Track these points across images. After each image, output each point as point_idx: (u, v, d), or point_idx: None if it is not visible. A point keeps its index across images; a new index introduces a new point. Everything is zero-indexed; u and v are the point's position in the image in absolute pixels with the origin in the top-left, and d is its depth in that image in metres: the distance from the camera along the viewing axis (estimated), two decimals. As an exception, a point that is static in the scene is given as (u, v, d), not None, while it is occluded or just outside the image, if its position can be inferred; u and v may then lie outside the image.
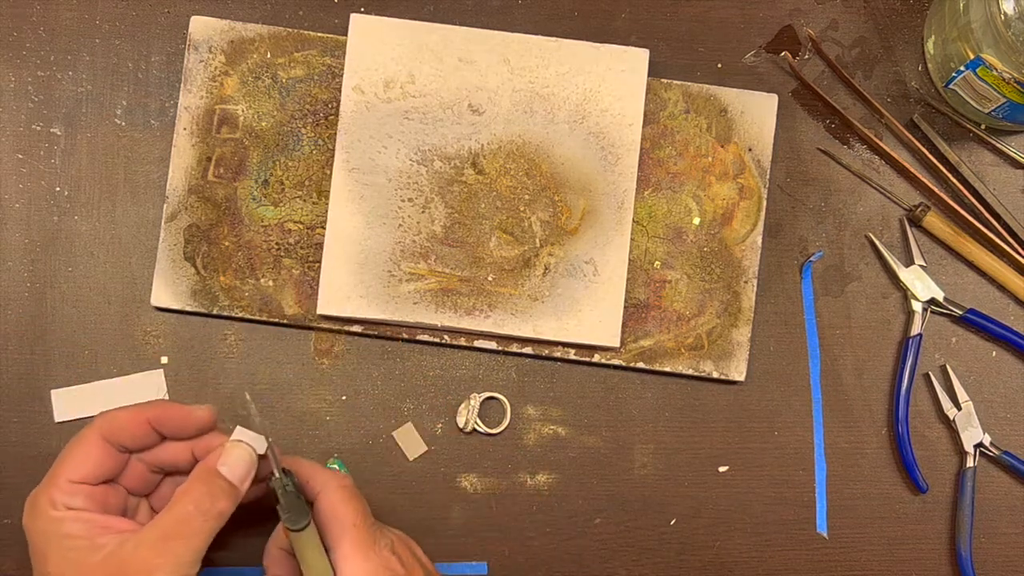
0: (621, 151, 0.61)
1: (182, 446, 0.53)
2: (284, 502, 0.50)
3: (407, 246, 0.61)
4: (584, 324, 0.61)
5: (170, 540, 0.47)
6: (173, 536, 0.47)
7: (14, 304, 0.62)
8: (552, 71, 0.61)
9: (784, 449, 0.63)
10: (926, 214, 0.63)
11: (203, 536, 0.48)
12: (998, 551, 0.63)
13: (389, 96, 0.61)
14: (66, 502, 0.49)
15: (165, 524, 0.48)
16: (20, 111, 0.62)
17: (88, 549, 0.47)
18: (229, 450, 0.51)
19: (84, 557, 0.47)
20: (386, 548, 0.51)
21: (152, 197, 0.62)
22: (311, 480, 0.52)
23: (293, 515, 0.50)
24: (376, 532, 0.51)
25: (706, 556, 0.63)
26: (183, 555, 0.47)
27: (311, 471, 0.53)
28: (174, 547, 0.47)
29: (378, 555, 0.50)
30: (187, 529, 0.48)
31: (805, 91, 0.64)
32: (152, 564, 0.46)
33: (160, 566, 0.46)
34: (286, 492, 0.50)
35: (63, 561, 0.48)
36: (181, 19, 0.63)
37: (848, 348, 0.64)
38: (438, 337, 0.62)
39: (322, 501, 0.51)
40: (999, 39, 0.56)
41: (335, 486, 0.52)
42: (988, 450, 0.63)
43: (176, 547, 0.47)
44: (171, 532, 0.47)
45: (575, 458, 0.63)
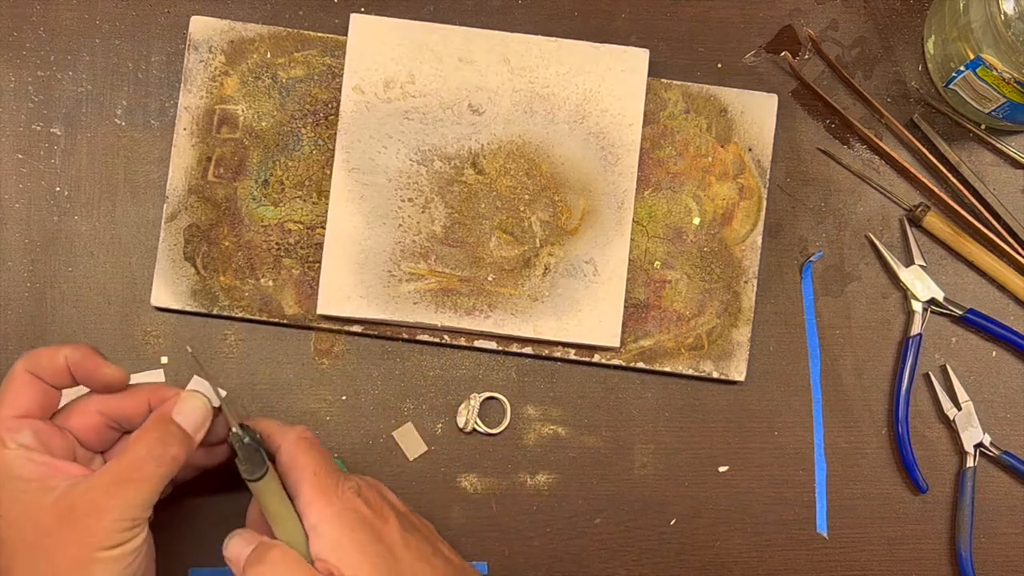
0: (621, 151, 0.61)
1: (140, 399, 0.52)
2: (241, 454, 0.50)
3: (407, 246, 0.61)
4: (584, 324, 0.61)
5: (122, 483, 0.47)
6: (125, 480, 0.47)
7: (14, 304, 0.62)
8: (552, 71, 0.61)
9: (784, 449, 0.63)
10: (926, 214, 0.63)
11: (155, 481, 0.48)
12: (998, 551, 0.63)
13: (389, 96, 0.61)
14: (14, 439, 0.48)
15: (117, 468, 0.48)
16: (20, 111, 0.62)
17: (39, 491, 0.47)
18: (184, 399, 0.51)
19: (35, 499, 0.47)
20: (350, 491, 0.50)
21: (152, 197, 0.62)
22: (272, 435, 0.52)
23: (248, 466, 0.50)
24: (339, 477, 0.51)
25: (706, 556, 0.63)
26: (134, 499, 0.47)
27: (272, 427, 0.53)
28: (125, 490, 0.47)
29: (340, 499, 0.50)
30: (139, 474, 0.47)
31: (805, 91, 0.64)
32: (102, 506, 0.46)
33: (111, 508, 0.46)
34: (243, 444, 0.50)
35: (14, 503, 0.47)
36: (181, 19, 0.63)
37: (848, 348, 0.64)
38: (438, 337, 0.62)
39: (282, 453, 0.51)
40: (999, 39, 0.56)
41: (293, 438, 0.51)
42: (988, 450, 0.63)
43: (127, 490, 0.47)
44: (123, 476, 0.47)
45: (575, 458, 0.63)
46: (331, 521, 0.49)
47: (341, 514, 0.49)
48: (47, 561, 0.46)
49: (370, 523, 0.50)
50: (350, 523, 0.49)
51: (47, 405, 0.51)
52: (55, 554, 0.46)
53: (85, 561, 0.46)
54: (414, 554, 0.50)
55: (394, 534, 0.50)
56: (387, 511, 0.51)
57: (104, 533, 0.46)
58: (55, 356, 0.50)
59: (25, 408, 0.49)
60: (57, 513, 0.47)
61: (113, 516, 0.46)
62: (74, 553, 0.46)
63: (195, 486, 0.61)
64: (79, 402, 0.52)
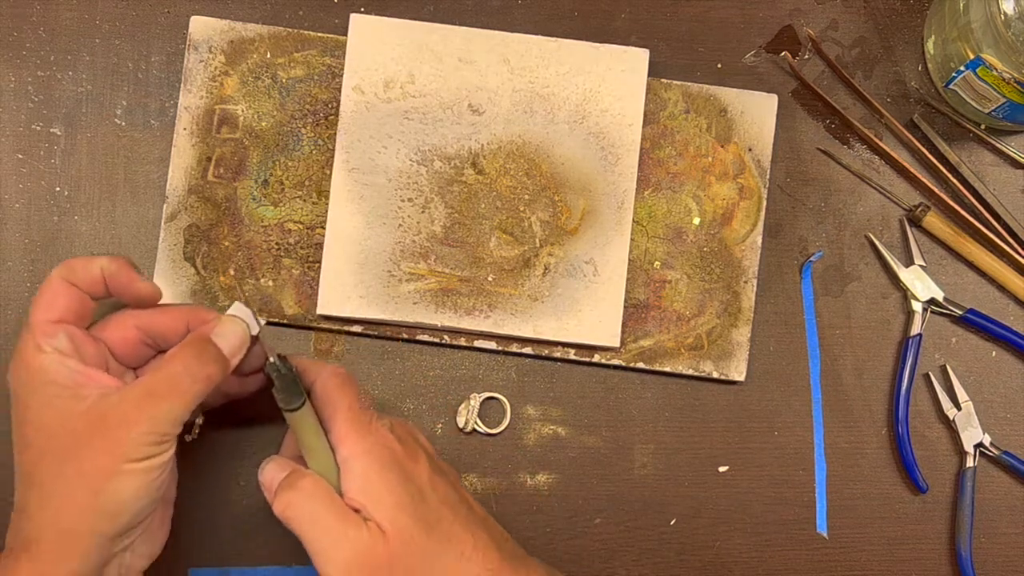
0: (621, 151, 0.61)
1: (178, 317, 0.52)
2: (278, 384, 0.50)
3: (407, 246, 0.61)
4: (584, 324, 0.61)
5: (154, 397, 0.47)
6: (158, 393, 0.47)
7: (14, 304, 0.62)
8: (552, 71, 0.61)
9: (784, 449, 0.63)
10: (926, 214, 0.63)
11: (188, 398, 0.48)
12: (998, 551, 0.63)
13: (389, 96, 0.61)
14: (50, 343, 0.48)
15: (151, 382, 0.48)
16: (20, 111, 0.62)
17: (70, 398, 0.47)
18: (224, 322, 0.51)
19: (66, 406, 0.47)
20: (383, 428, 0.51)
21: (152, 197, 0.62)
22: (307, 371, 0.52)
23: (285, 395, 0.50)
24: (372, 414, 0.51)
25: (706, 556, 0.63)
26: (165, 413, 0.47)
27: (307, 363, 0.53)
28: (157, 404, 0.47)
29: (373, 435, 0.50)
30: (173, 388, 0.47)
31: (805, 91, 0.64)
32: (132, 418, 0.46)
33: (140, 421, 0.46)
34: (280, 375, 0.50)
35: (45, 409, 0.47)
36: (181, 19, 0.63)
37: (848, 348, 0.64)
38: (438, 337, 0.62)
39: (317, 387, 0.52)
40: (999, 39, 0.56)
41: (329, 373, 0.52)
42: (988, 450, 0.63)
43: (159, 404, 0.47)
44: (156, 389, 0.47)
45: (575, 458, 0.63)
46: (362, 457, 0.49)
47: (372, 450, 0.49)
48: (75, 468, 0.46)
49: (400, 461, 0.50)
50: (381, 460, 0.49)
51: (82, 313, 0.51)
52: (83, 462, 0.46)
53: (112, 471, 0.46)
54: (440, 497, 0.50)
55: (423, 475, 0.50)
56: (418, 451, 0.51)
57: (133, 445, 0.46)
58: (90, 265, 0.50)
59: (60, 313, 0.49)
60: (88, 421, 0.47)
61: (143, 429, 0.46)
62: (102, 462, 0.46)
63: (195, 485, 0.61)
64: (116, 315, 0.53)
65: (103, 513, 0.46)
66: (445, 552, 0.49)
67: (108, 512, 0.47)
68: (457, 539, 0.50)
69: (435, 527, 0.49)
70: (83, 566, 0.46)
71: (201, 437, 0.61)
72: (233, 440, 0.61)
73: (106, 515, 0.47)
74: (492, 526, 0.53)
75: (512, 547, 0.52)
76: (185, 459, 0.61)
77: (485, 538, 0.51)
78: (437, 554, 0.49)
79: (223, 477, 0.61)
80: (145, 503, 0.48)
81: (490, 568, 0.50)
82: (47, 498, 0.47)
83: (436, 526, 0.49)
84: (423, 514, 0.49)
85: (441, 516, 0.50)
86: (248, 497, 0.61)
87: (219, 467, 0.61)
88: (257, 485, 0.61)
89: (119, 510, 0.47)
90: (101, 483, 0.46)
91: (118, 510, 0.47)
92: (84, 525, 0.46)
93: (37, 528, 0.47)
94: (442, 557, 0.49)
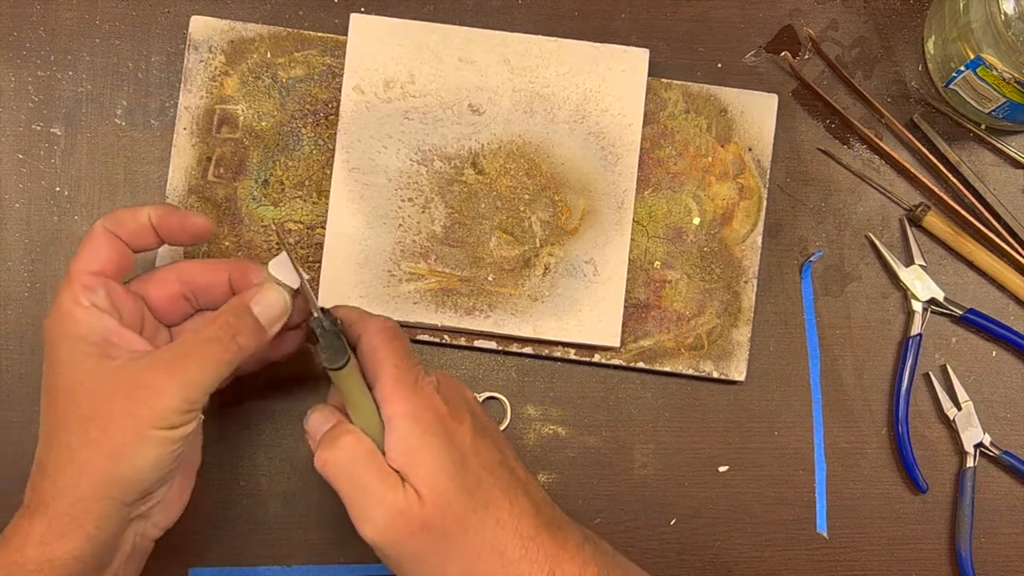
0: (621, 151, 0.61)
1: (220, 272, 0.52)
2: (323, 341, 0.49)
3: (407, 246, 0.61)
4: (584, 324, 0.61)
5: (186, 361, 0.47)
6: (189, 360, 0.47)
7: (14, 304, 0.62)
8: (552, 71, 0.61)
9: (784, 449, 0.63)
10: (926, 214, 0.63)
11: (219, 366, 0.47)
12: (998, 551, 0.63)
13: (389, 96, 0.61)
14: (89, 297, 0.48)
15: (184, 345, 0.47)
16: (20, 111, 0.62)
17: (100, 356, 0.47)
18: (265, 291, 0.50)
19: (95, 364, 0.47)
20: (429, 386, 0.49)
21: (152, 197, 0.62)
22: (353, 324, 0.51)
23: (330, 354, 0.48)
24: (418, 372, 0.50)
25: (706, 556, 0.63)
26: (194, 379, 0.46)
27: (353, 315, 0.52)
28: (188, 369, 0.46)
29: (419, 393, 0.49)
30: (205, 353, 0.47)
31: (805, 91, 0.64)
32: (161, 384, 0.46)
33: (168, 386, 0.46)
34: (324, 331, 0.49)
35: (73, 365, 0.47)
36: (181, 19, 0.63)
37: (848, 348, 0.64)
38: (438, 337, 0.62)
39: (363, 343, 0.50)
40: (999, 39, 0.56)
41: (376, 328, 0.50)
42: (988, 450, 0.63)
43: (189, 369, 0.46)
44: (188, 353, 0.47)
45: (575, 458, 0.63)
46: (405, 418, 0.48)
47: (416, 412, 0.48)
48: (101, 430, 0.46)
49: (444, 423, 0.49)
50: (424, 423, 0.48)
51: (124, 266, 0.50)
52: (109, 424, 0.46)
53: (138, 437, 0.46)
54: (482, 461, 0.49)
55: (466, 438, 0.49)
56: (463, 412, 0.50)
57: (160, 412, 0.46)
58: (138, 214, 0.50)
59: (102, 265, 0.49)
60: (115, 383, 0.46)
61: (171, 395, 0.46)
62: (126, 427, 0.46)
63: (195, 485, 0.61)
64: (160, 270, 0.53)
65: (123, 479, 0.46)
66: (481, 518, 0.48)
67: (128, 478, 0.46)
68: (495, 505, 0.49)
69: (474, 492, 0.48)
70: (98, 530, 0.46)
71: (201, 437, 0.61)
72: (233, 440, 0.61)
73: (126, 481, 0.46)
74: (533, 490, 0.51)
75: (551, 512, 0.51)
76: (185, 459, 0.61)
77: (523, 503, 0.50)
78: (473, 520, 0.48)
79: (223, 477, 0.61)
80: (165, 472, 0.47)
81: (526, 535, 0.49)
82: (68, 459, 0.46)
83: (475, 491, 0.48)
84: (463, 479, 0.48)
85: (481, 480, 0.49)
86: (248, 497, 0.61)
87: (219, 467, 0.61)
88: (257, 486, 0.61)
89: (139, 476, 0.46)
90: (123, 448, 0.46)
91: (138, 476, 0.46)
92: (102, 490, 0.46)
93: (54, 488, 0.46)
94: (478, 523, 0.48)
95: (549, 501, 0.52)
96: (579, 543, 0.50)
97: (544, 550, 0.49)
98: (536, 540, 0.49)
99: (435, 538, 0.47)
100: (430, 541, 0.47)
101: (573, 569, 0.49)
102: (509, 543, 0.48)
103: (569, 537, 0.50)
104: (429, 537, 0.47)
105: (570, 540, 0.50)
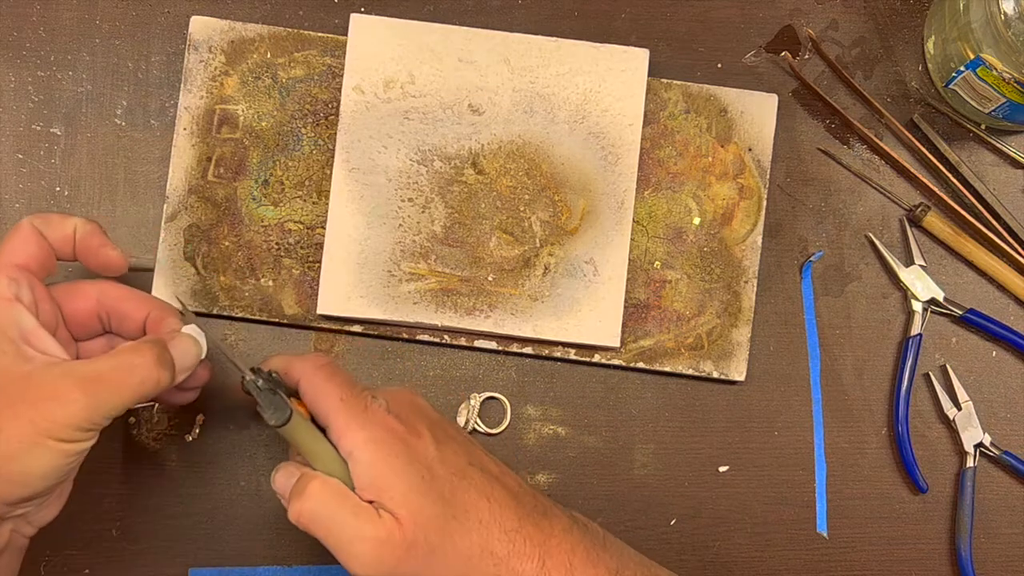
0: (621, 151, 0.61)
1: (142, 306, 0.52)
2: (262, 401, 0.48)
3: (407, 246, 0.61)
4: (584, 324, 0.61)
5: (102, 381, 0.46)
6: (107, 379, 0.46)
7: (14, 304, 0.62)
8: (552, 71, 0.61)
9: (784, 449, 0.63)
10: (926, 214, 0.63)
11: (134, 393, 0.47)
12: (998, 551, 0.63)
13: (389, 96, 0.61)
14: (13, 289, 0.48)
15: (103, 367, 0.47)
16: (20, 111, 0.62)
17: (16, 356, 0.46)
18: (181, 340, 0.50)
19: (10, 364, 0.46)
20: (380, 409, 0.49)
21: (152, 197, 0.62)
22: (288, 371, 0.51)
23: (271, 411, 0.48)
24: (366, 399, 0.50)
25: (706, 556, 0.63)
26: (106, 401, 0.46)
27: (287, 361, 0.52)
28: (103, 389, 0.46)
29: (371, 420, 0.49)
30: (124, 379, 0.46)
31: (805, 91, 0.64)
32: (72, 396, 0.45)
33: (78, 402, 0.45)
34: (260, 390, 0.48)
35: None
36: (181, 19, 0.63)
37: (848, 348, 0.64)
38: (438, 337, 0.62)
39: (303, 386, 0.50)
40: (999, 39, 0.56)
41: (312, 368, 0.50)
42: (988, 450, 0.63)
43: (104, 390, 0.46)
44: (106, 375, 0.46)
45: (575, 458, 0.63)
46: (365, 447, 0.48)
47: (374, 438, 0.48)
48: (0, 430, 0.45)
49: (404, 441, 0.49)
50: (384, 445, 0.48)
51: (47, 267, 0.50)
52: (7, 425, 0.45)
53: (31, 443, 0.45)
54: (450, 468, 0.49)
55: (429, 450, 0.49)
56: (419, 424, 0.50)
57: (61, 424, 0.45)
58: (65, 222, 0.50)
59: (27, 260, 0.49)
60: (24, 386, 0.46)
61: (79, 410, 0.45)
62: (26, 432, 0.45)
63: (195, 485, 0.61)
64: (81, 283, 0.52)
65: (9, 481, 0.45)
66: (463, 523, 0.48)
67: (15, 481, 0.46)
68: (473, 507, 0.49)
69: (449, 501, 0.48)
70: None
71: (201, 437, 0.62)
72: (233, 440, 0.61)
73: (12, 483, 0.46)
74: (510, 481, 0.51)
75: (532, 500, 0.51)
76: (185, 459, 0.62)
77: (501, 498, 0.50)
78: (455, 527, 0.48)
79: (223, 477, 0.61)
80: (53, 482, 0.47)
81: (510, 528, 0.49)
82: None
83: (451, 500, 0.48)
84: (436, 491, 0.48)
85: (454, 488, 0.49)
86: (248, 497, 0.61)
87: (219, 467, 0.61)
88: (258, 486, 0.62)
89: (26, 482, 0.46)
90: (18, 451, 0.45)
91: (25, 481, 0.46)
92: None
93: None
94: (461, 529, 0.48)
95: (528, 489, 0.52)
96: (566, 527, 0.51)
97: (531, 541, 0.49)
98: (521, 532, 0.49)
99: (423, 555, 0.47)
100: (420, 559, 0.47)
101: (561, 555, 0.49)
102: (496, 541, 0.48)
103: (555, 523, 0.50)
104: (418, 556, 0.47)
105: (556, 526, 0.50)
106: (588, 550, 0.50)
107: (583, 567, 0.49)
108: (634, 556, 0.53)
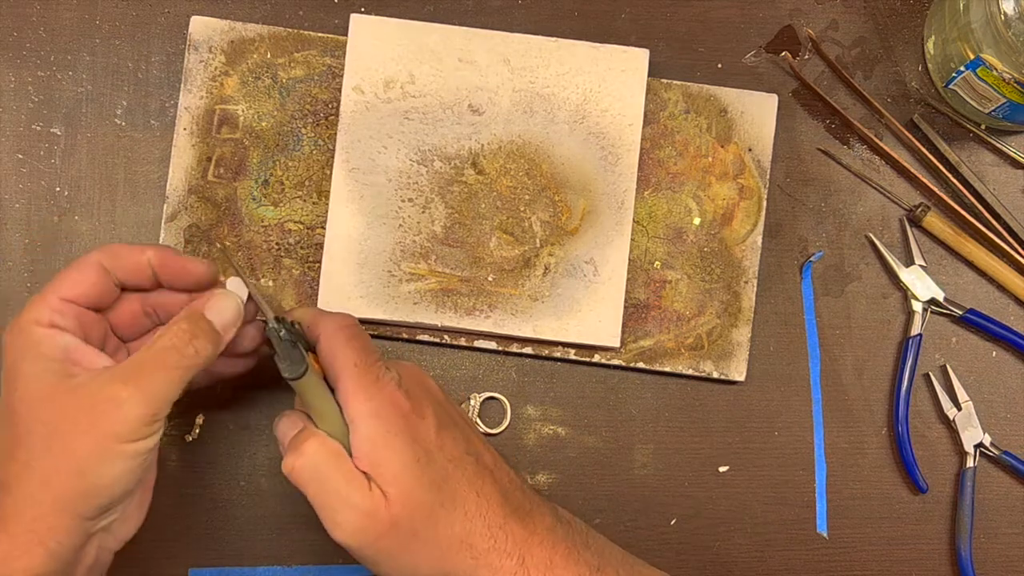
0: (621, 151, 0.61)
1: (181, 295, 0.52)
2: (279, 351, 0.48)
3: (407, 246, 0.61)
4: (584, 324, 0.61)
5: (144, 373, 0.46)
6: (147, 370, 0.46)
7: (14, 304, 0.62)
8: (552, 71, 0.61)
9: (784, 449, 0.63)
10: (926, 214, 0.63)
11: (178, 374, 0.47)
12: (998, 551, 0.63)
13: (389, 96, 0.61)
14: (54, 319, 0.48)
15: (141, 358, 0.47)
16: (20, 111, 0.62)
17: (61, 374, 0.47)
18: (217, 296, 0.50)
19: (56, 381, 0.46)
20: (391, 382, 0.49)
21: (152, 197, 0.62)
22: (311, 325, 0.51)
23: (287, 364, 0.48)
24: (379, 369, 0.50)
25: (706, 556, 0.63)
26: (154, 389, 0.46)
27: (310, 316, 0.51)
28: (147, 379, 0.46)
29: (381, 391, 0.49)
30: (163, 364, 0.47)
31: (805, 91, 0.64)
32: (122, 395, 0.45)
33: (128, 399, 0.45)
34: (280, 340, 0.48)
35: (34, 380, 0.46)
36: (181, 19, 0.63)
37: (848, 348, 0.64)
38: (438, 337, 0.62)
39: (322, 344, 0.50)
40: (999, 39, 0.56)
41: (334, 328, 0.50)
42: (988, 450, 0.63)
43: (148, 381, 0.46)
44: (146, 366, 0.47)
45: (575, 458, 0.63)
46: (368, 418, 0.48)
47: (379, 411, 0.48)
48: (61, 447, 0.45)
49: (407, 419, 0.49)
50: (387, 420, 0.48)
51: (106, 299, 0.50)
52: (72, 440, 0.45)
53: (101, 452, 0.45)
54: (447, 454, 0.49)
55: (430, 432, 0.49)
56: (426, 405, 0.50)
57: (123, 424, 0.45)
58: (139, 254, 0.50)
59: (79, 295, 0.49)
60: (78, 400, 0.46)
61: (133, 406, 0.45)
62: (91, 442, 0.45)
63: (195, 485, 0.61)
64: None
65: (86, 495, 0.46)
66: (449, 513, 0.48)
67: (91, 494, 0.46)
68: (462, 498, 0.49)
69: (440, 488, 0.48)
70: (60, 546, 0.46)
71: (201, 437, 0.62)
72: (233, 440, 0.61)
73: (89, 497, 0.46)
74: (501, 476, 0.51)
75: (520, 496, 0.51)
76: (185, 459, 0.62)
77: (490, 492, 0.50)
78: (441, 515, 0.48)
79: (223, 477, 0.61)
80: (129, 486, 0.47)
81: (494, 524, 0.49)
82: (29, 475, 0.46)
83: (442, 487, 0.48)
84: (429, 476, 0.48)
85: (447, 475, 0.49)
86: (248, 497, 0.61)
87: (219, 467, 0.61)
88: (258, 486, 0.62)
89: (102, 492, 0.46)
90: (87, 463, 0.45)
91: (101, 492, 0.46)
92: (65, 506, 0.46)
93: (16, 505, 0.46)
94: (446, 518, 0.48)
95: (519, 485, 0.52)
96: (549, 526, 0.51)
97: (513, 538, 0.49)
98: (504, 528, 0.49)
99: (405, 536, 0.47)
100: (400, 540, 0.47)
101: (542, 553, 0.49)
102: (478, 535, 0.48)
103: (539, 521, 0.50)
104: (399, 536, 0.47)
105: (540, 524, 0.50)
106: (570, 548, 0.50)
107: (564, 565, 0.49)
108: (617, 554, 0.53)
